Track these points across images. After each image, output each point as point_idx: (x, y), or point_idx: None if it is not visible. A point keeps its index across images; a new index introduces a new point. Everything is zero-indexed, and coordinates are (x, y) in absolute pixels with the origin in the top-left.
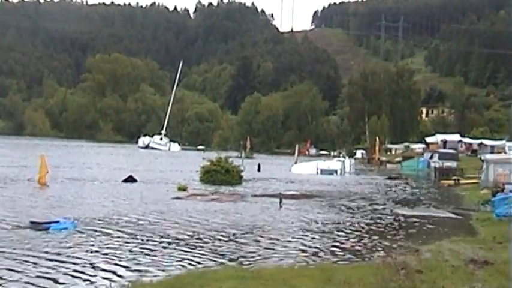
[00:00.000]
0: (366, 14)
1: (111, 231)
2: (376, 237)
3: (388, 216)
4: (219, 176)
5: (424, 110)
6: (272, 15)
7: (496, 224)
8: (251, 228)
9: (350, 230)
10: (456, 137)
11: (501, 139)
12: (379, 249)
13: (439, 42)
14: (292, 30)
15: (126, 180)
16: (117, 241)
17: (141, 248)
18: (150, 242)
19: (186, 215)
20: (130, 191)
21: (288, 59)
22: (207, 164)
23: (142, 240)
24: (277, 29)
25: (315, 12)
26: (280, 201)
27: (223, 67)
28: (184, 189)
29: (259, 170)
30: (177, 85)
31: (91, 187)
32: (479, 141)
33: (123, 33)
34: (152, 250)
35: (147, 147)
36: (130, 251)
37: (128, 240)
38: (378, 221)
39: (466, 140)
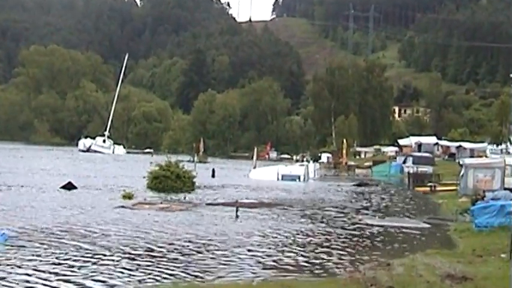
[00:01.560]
0: (332, 3)
1: (45, 244)
2: (342, 250)
3: (356, 227)
4: (169, 182)
5: (397, 109)
6: (228, 4)
7: (476, 236)
8: (204, 241)
9: (313, 241)
10: (432, 139)
11: (482, 142)
12: (346, 263)
13: (414, 34)
14: (250, 20)
15: (64, 187)
16: (51, 255)
17: (79, 263)
18: (89, 257)
19: (132, 225)
20: (69, 199)
21: (246, 53)
22: (156, 169)
23: (80, 254)
24: (234, 18)
25: (276, 0)
26: (237, 211)
27: (173, 61)
28: (129, 197)
29: (213, 175)
30: (122, 81)
31: (24, 195)
32: (457, 143)
33: (61, 22)
34: (91, 266)
35: (88, 150)
36: (66, 266)
37: (63, 255)
38: (345, 231)
39: (443, 142)
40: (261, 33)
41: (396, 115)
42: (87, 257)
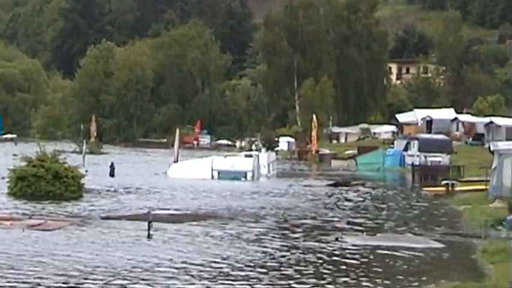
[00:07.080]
0: None
1: None
2: (311, 285)
3: (333, 250)
4: (43, 185)
5: (395, 68)
6: None
7: None
8: (97, 276)
9: (265, 273)
10: (449, 113)
11: None
12: None
13: None
14: None
15: None
16: None
17: None
18: None
19: None
20: None
21: None
22: (21, 164)
23: None
24: None
25: None
26: (150, 228)
27: None
28: None
29: (112, 173)
30: None
31: None
32: (487, 119)
33: None
34: None
35: None
36: None
37: None
38: (315, 258)
39: (466, 117)
40: None
41: (393, 77)
42: None
